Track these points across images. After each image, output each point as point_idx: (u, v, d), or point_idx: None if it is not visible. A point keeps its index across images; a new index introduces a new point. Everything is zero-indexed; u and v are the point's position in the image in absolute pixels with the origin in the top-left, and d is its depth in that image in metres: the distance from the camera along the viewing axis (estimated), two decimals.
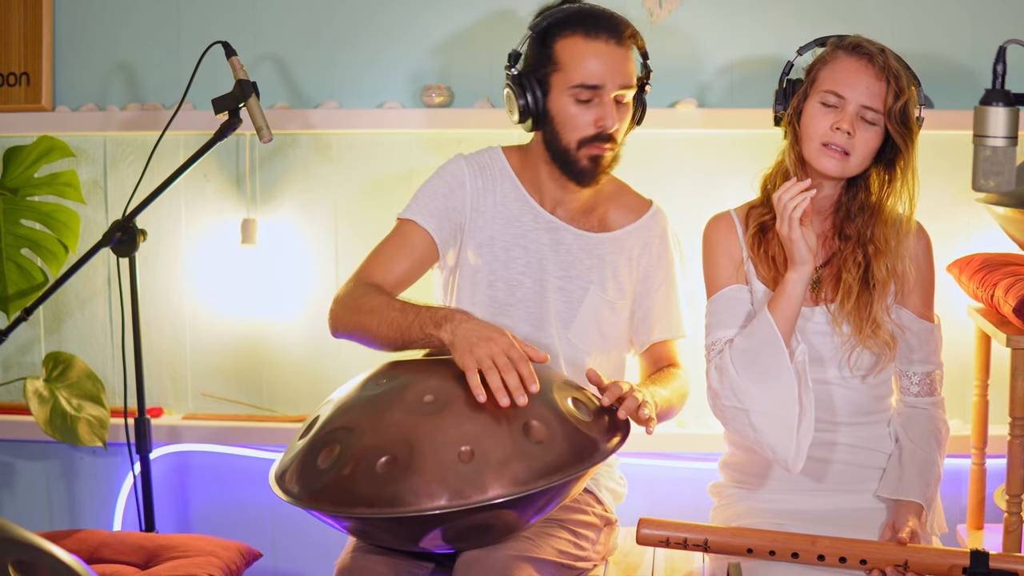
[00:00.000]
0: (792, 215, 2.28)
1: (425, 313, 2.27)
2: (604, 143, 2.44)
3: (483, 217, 2.54)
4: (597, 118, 2.42)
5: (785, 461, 2.31)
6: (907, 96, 2.31)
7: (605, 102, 2.41)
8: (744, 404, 2.32)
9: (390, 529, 2.08)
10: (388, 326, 2.30)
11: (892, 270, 2.38)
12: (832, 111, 2.32)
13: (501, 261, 2.54)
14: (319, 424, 2.19)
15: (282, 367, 3.23)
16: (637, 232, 2.58)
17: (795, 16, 2.97)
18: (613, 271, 2.55)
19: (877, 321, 2.37)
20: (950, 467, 2.75)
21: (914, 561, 2.15)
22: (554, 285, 2.54)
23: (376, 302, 2.35)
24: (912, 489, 2.35)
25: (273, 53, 3.14)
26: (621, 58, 2.41)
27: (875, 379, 2.43)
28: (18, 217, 3.05)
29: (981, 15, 2.95)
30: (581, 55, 2.40)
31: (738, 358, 2.34)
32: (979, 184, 2.04)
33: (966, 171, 2.10)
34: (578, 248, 2.54)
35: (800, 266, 2.30)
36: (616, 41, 2.41)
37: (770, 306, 2.32)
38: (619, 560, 2.59)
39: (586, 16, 2.43)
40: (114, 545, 2.74)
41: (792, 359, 2.29)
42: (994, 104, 2.01)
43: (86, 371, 3.10)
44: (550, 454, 2.07)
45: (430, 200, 2.53)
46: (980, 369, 2.87)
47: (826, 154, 2.33)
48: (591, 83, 2.40)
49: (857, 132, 2.31)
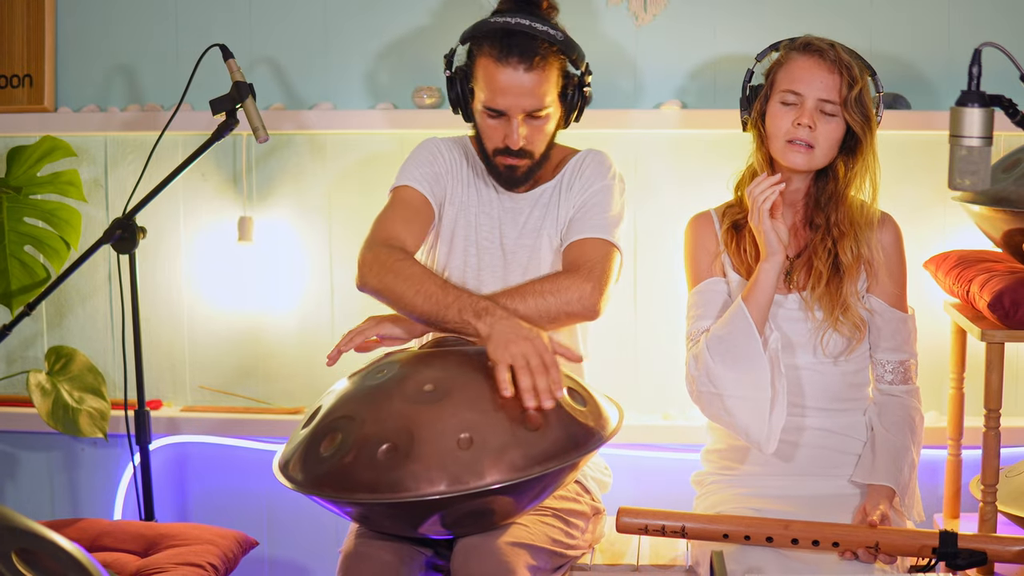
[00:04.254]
0: (762, 207, 2.35)
1: (467, 299, 2.27)
2: (514, 157, 2.48)
3: (460, 185, 2.60)
4: (505, 135, 2.46)
5: (758, 442, 2.36)
6: (861, 84, 2.37)
7: (512, 122, 2.44)
8: (719, 389, 2.38)
9: (391, 514, 2.11)
10: (425, 299, 2.28)
11: (857, 253, 2.42)
12: (792, 109, 2.39)
13: (473, 227, 2.59)
14: (321, 413, 2.21)
15: (278, 360, 3.24)
16: (572, 166, 2.59)
17: (777, 19, 2.99)
18: (557, 213, 2.57)
19: (847, 304, 2.42)
20: (927, 457, 2.76)
21: (885, 543, 2.19)
22: (515, 245, 2.57)
23: (415, 270, 2.34)
24: (884, 474, 2.39)
25: (269, 56, 3.16)
26: (529, 84, 2.41)
27: (848, 364, 2.47)
28: (21, 215, 3.06)
29: (957, 18, 2.98)
30: (490, 79, 2.43)
31: (714, 345, 2.39)
32: (955, 183, 2.06)
33: (943, 170, 2.12)
34: (529, 207, 2.58)
35: (771, 256, 2.37)
36: (526, 67, 2.40)
37: (744, 296, 2.38)
38: (605, 548, 2.62)
39: (502, 36, 2.42)
40: (115, 534, 2.75)
41: (765, 346, 2.35)
42: (970, 105, 2.02)
43: (87, 365, 3.12)
44: (546, 442, 2.10)
45: (416, 168, 2.58)
46: (956, 363, 2.88)
47: (791, 150, 2.39)
48: (495, 108, 2.44)
49: (818, 125, 2.37)
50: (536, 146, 2.50)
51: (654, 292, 3.09)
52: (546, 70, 2.43)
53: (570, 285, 2.38)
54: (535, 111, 2.44)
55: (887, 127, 2.89)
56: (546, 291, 2.37)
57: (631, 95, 3.07)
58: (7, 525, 1.71)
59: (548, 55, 2.43)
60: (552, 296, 2.37)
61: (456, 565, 2.19)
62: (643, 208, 3.06)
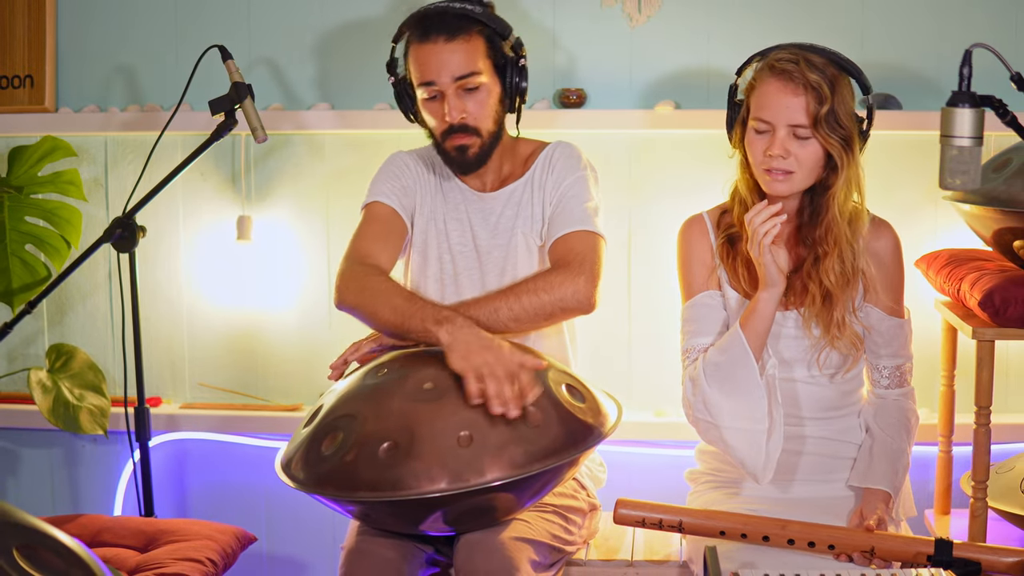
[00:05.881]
0: (763, 241, 2.28)
1: (429, 309, 2.29)
2: (460, 134, 2.49)
3: (427, 194, 2.61)
4: (443, 113, 2.48)
5: (755, 474, 2.34)
6: (830, 103, 2.27)
7: (447, 96, 2.46)
8: (716, 419, 2.35)
9: (392, 512, 2.12)
10: (392, 311, 2.31)
11: (841, 272, 2.35)
12: (764, 136, 2.32)
13: (444, 233, 2.60)
14: (323, 413, 2.22)
15: (275, 358, 3.25)
16: (541, 161, 2.60)
17: (770, 20, 2.99)
18: (531, 211, 2.57)
19: (842, 323, 2.37)
20: (918, 454, 2.76)
21: (880, 548, 2.19)
22: (488, 245, 2.58)
23: (384, 285, 2.38)
24: (880, 478, 2.38)
25: (267, 57, 3.17)
26: (452, 50, 2.44)
27: (842, 378, 2.46)
28: (23, 214, 3.07)
29: (948, 20, 2.99)
30: (418, 60, 2.47)
31: (710, 372, 2.36)
32: (946, 182, 2.07)
33: (934, 170, 2.12)
34: (501, 205, 2.59)
35: (771, 287, 2.31)
36: (446, 38, 2.44)
37: (742, 323, 2.34)
38: (600, 543, 2.64)
39: (420, 20, 2.48)
40: (115, 529, 2.75)
41: (762, 372, 2.32)
42: (960, 106, 2.03)
43: (87, 362, 3.13)
44: (546, 438, 2.11)
45: (384, 183, 2.60)
46: (947, 360, 2.89)
47: (770, 178, 2.33)
48: (425, 80, 2.47)
49: (794, 149, 2.30)
50: (480, 122, 2.50)
51: (647, 290, 3.10)
52: (470, 40, 2.46)
53: (563, 281, 2.40)
54: (464, 77, 2.45)
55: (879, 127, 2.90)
56: (539, 289, 2.39)
57: (625, 96, 3.08)
58: (8, 521, 1.72)
59: (468, 26, 2.46)
60: (546, 293, 2.38)
61: (459, 561, 2.20)
62: (637, 207, 3.08)
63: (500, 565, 2.16)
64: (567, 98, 3.04)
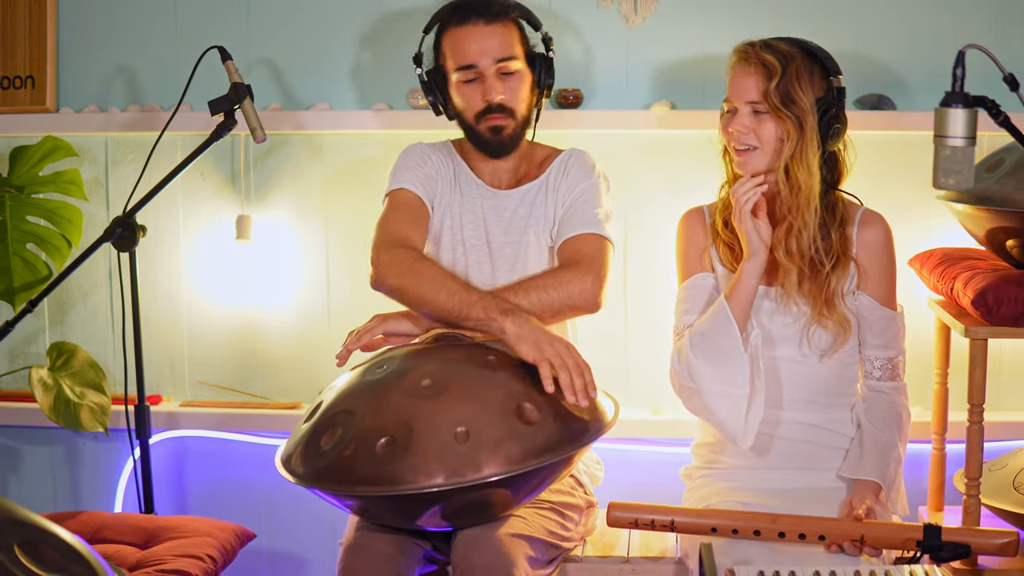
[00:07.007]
0: (744, 207, 2.38)
1: (490, 298, 2.34)
2: (497, 114, 2.53)
3: (445, 186, 2.64)
4: (483, 93, 2.52)
5: (734, 438, 2.40)
6: (779, 77, 2.37)
7: (487, 77, 2.51)
8: (698, 384, 2.41)
9: (390, 507, 2.13)
10: (449, 296, 2.35)
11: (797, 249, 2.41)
12: (731, 117, 2.44)
13: (459, 225, 2.63)
14: (322, 408, 2.24)
15: (274, 357, 3.26)
16: (557, 165, 2.64)
17: (765, 20, 3.00)
18: (544, 212, 2.61)
19: (831, 300, 2.44)
20: (912, 452, 2.76)
21: (870, 536, 2.21)
22: (500, 241, 2.61)
23: (436, 270, 2.42)
24: (870, 469, 2.41)
25: (267, 57, 3.18)
26: (492, 34, 2.51)
27: (832, 360, 2.49)
28: (24, 214, 3.08)
29: (942, 20, 3.00)
30: (456, 41, 2.52)
31: (696, 342, 2.42)
32: (939, 182, 2.08)
33: (927, 170, 2.13)
34: (515, 204, 2.62)
35: (753, 256, 2.39)
36: (485, 21, 2.51)
37: (727, 294, 2.41)
38: (596, 540, 2.65)
39: (459, 7, 2.55)
40: (115, 526, 2.76)
41: (746, 343, 2.38)
42: (954, 106, 2.04)
43: (88, 360, 3.13)
44: (542, 435, 2.13)
45: (408, 170, 2.63)
46: (940, 358, 2.90)
47: (738, 156, 2.45)
48: (466, 63, 2.52)
49: (753, 126, 2.40)
50: (516, 104, 2.55)
51: (644, 289, 3.12)
52: (507, 25, 2.54)
53: (572, 279, 2.44)
54: (504, 60, 2.51)
55: (873, 127, 2.93)
56: (548, 285, 2.43)
57: (621, 96, 3.10)
58: (10, 518, 1.73)
59: (506, 11, 2.54)
60: (554, 290, 2.42)
61: (457, 557, 2.21)
62: (633, 207, 3.09)
63: (497, 561, 2.17)
64: (564, 98, 3.05)
